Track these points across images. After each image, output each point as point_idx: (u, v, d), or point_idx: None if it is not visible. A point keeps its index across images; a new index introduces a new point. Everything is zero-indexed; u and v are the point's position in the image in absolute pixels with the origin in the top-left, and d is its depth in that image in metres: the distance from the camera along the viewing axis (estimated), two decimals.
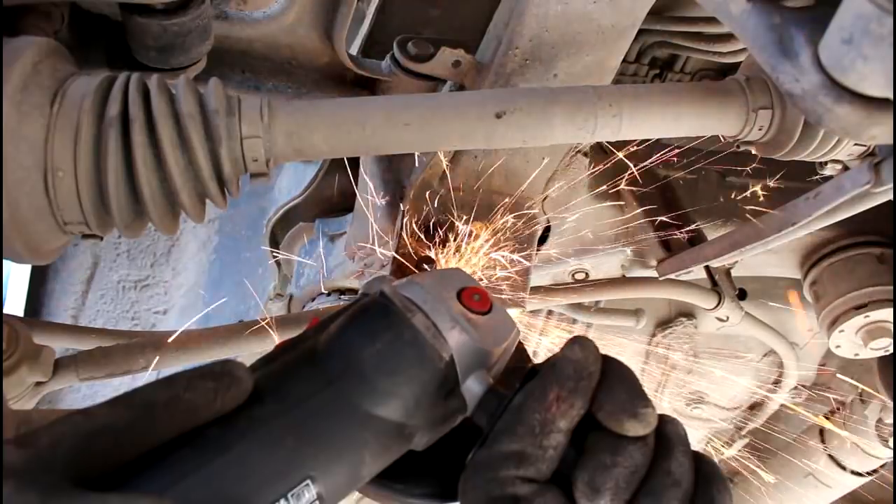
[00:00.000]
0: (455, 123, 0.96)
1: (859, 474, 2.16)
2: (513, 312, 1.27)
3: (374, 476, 0.62)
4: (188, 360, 1.13)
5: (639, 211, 1.43)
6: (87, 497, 0.45)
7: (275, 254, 1.66)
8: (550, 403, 0.59)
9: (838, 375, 2.48)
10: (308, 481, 0.55)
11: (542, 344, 1.97)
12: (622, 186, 1.46)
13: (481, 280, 1.22)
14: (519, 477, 0.58)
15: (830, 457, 2.16)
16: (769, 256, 1.62)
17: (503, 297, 1.23)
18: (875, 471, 2.15)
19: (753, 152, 1.12)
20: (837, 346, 1.60)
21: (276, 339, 1.17)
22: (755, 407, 2.38)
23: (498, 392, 0.64)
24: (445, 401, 0.64)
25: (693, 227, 1.42)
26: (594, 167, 1.37)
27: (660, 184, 1.54)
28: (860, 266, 1.54)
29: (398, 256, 1.15)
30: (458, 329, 0.64)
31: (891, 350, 1.57)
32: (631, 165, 1.38)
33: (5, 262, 0.87)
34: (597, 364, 0.62)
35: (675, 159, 1.57)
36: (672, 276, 1.38)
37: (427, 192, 1.25)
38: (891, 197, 0.91)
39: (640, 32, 1.31)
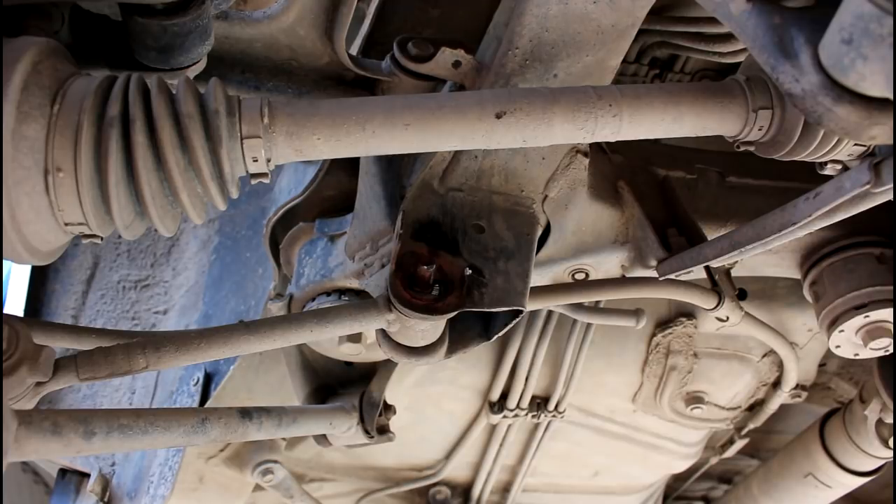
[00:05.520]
0: (455, 123, 0.96)
1: (859, 474, 2.16)
2: None
3: None
4: (188, 360, 1.12)
5: (638, 211, 1.42)
6: None
7: (275, 254, 1.65)
8: None
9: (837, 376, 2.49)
10: None
11: None
12: (622, 186, 1.46)
13: None
14: None
15: (830, 457, 2.16)
16: (769, 256, 1.61)
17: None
18: (875, 471, 2.15)
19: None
20: (837, 347, 1.60)
21: (277, 339, 1.16)
22: (755, 407, 2.38)
23: None
24: None
25: (693, 227, 1.42)
26: (594, 167, 1.37)
27: (659, 183, 1.54)
28: (860, 266, 1.54)
29: (398, 256, 1.15)
30: None
31: (891, 350, 1.57)
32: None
33: (5, 262, 0.88)
34: None
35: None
36: (672, 276, 1.38)
37: (427, 192, 1.25)
38: (891, 197, 0.91)
39: (640, 32, 1.31)
